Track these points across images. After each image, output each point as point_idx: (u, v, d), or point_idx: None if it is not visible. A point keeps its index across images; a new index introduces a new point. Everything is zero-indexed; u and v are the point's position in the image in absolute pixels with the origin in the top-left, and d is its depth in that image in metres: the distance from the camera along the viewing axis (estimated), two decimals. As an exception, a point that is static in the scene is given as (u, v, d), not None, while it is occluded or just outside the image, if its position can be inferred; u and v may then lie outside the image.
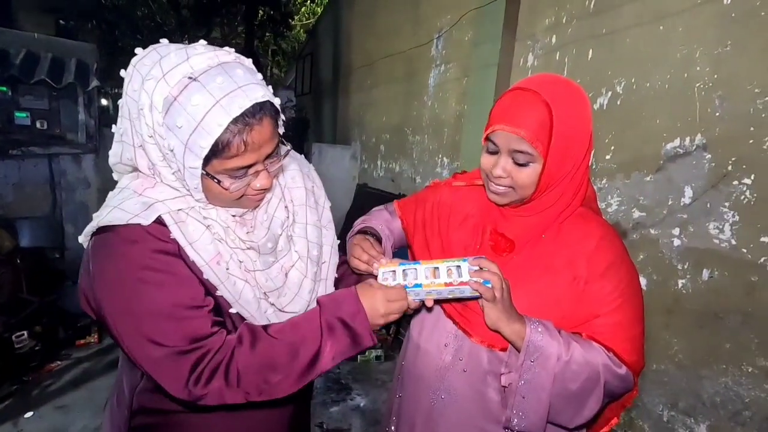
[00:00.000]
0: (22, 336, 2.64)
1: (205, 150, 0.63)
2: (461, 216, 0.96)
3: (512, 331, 0.78)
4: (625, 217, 2.03)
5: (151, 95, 0.62)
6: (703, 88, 1.70)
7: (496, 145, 0.79)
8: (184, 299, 0.67)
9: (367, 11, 5.11)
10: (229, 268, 0.73)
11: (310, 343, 0.71)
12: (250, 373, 0.67)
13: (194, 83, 0.62)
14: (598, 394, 0.78)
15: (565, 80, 0.80)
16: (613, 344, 0.79)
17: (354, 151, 5.21)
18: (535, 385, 0.77)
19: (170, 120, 0.62)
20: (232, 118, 0.62)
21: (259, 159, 0.69)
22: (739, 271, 1.61)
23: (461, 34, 3.22)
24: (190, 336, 0.66)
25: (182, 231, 0.69)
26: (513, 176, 0.79)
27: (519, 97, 0.77)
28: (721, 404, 1.67)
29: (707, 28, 1.69)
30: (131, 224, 0.66)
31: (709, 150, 1.69)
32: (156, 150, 0.67)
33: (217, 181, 0.67)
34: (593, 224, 0.85)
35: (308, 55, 8.03)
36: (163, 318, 0.65)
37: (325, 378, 2.70)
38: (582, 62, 2.24)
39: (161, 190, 0.70)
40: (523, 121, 0.74)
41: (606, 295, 0.80)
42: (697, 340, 1.75)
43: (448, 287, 0.77)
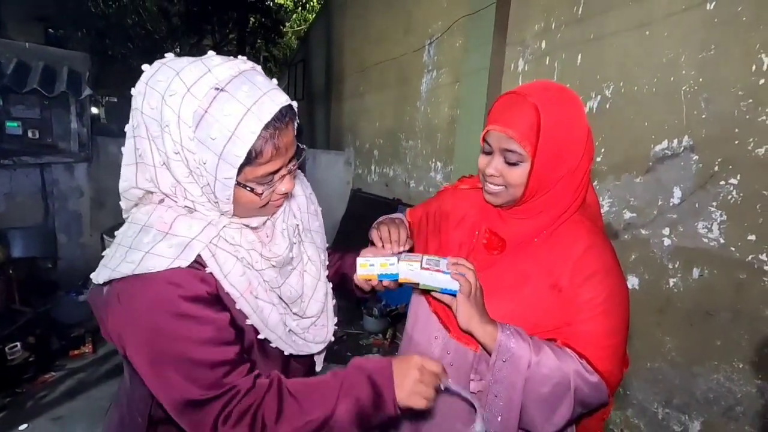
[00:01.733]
0: (15, 347, 2.61)
1: (241, 159, 0.63)
2: (459, 216, 0.99)
3: (484, 331, 0.79)
4: (616, 218, 2.06)
5: (179, 110, 0.61)
6: (689, 91, 1.75)
7: (490, 146, 0.83)
8: (217, 346, 0.67)
9: (359, 18, 5.15)
10: (258, 296, 0.74)
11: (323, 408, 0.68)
12: (273, 423, 0.66)
13: (223, 93, 0.61)
14: (569, 401, 0.77)
15: (558, 86, 0.83)
16: (587, 352, 0.79)
17: (348, 156, 5.23)
18: (507, 385, 0.78)
19: (202, 133, 0.61)
20: (264, 124, 0.63)
21: (284, 163, 0.70)
22: (728, 269, 1.64)
23: (453, 40, 3.27)
24: (219, 380, 0.65)
25: (218, 263, 0.69)
26: (504, 175, 0.82)
27: (511, 100, 0.81)
28: (714, 400, 1.70)
29: (692, 33, 1.74)
30: (167, 270, 0.64)
31: (696, 151, 1.74)
32: (182, 167, 0.65)
33: (250, 189, 0.68)
34: (584, 232, 0.85)
35: (300, 61, 8.05)
36: (192, 366, 0.64)
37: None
38: (571, 67, 2.28)
39: (188, 224, 0.69)
40: (513, 122, 0.78)
41: (584, 303, 0.80)
42: (689, 337, 1.78)
43: (426, 270, 0.82)
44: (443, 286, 0.82)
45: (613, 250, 0.88)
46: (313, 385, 0.70)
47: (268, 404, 0.66)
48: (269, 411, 0.66)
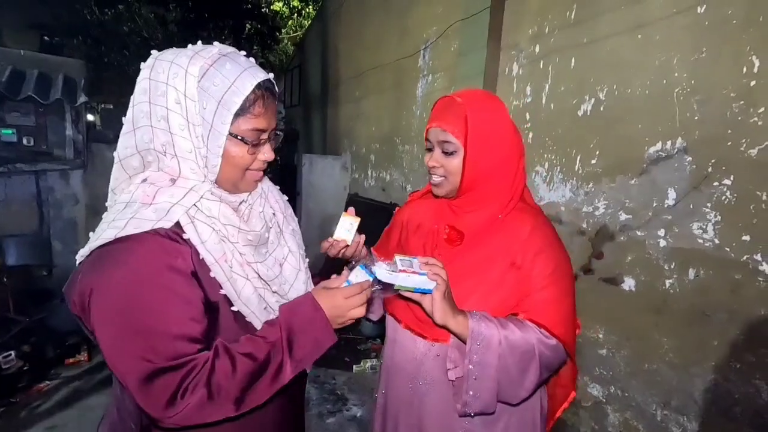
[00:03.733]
0: (9, 356, 2.59)
1: (237, 106, 0.72)
2: (416, 224, 1.12)
3: (457, 323, 0.88)
4: (612, 219, 2.07)
5: (187, 66, 0.71)
6: (682, 94, 1.76)
7: (431, 142, 0.97)
8: (182, 319, 0.69)
9: (355, 23, 5.17)
10: (232, 267, 0.77)
11: (272, 357, 0.73)
12: (226, 386, 0.69)
13: (225, 57, 0.74)
14: (536, 366, 0.89)
15: (484, 92, 1.01)
16: (543, 320, 0.91)
17: (344, 161, 5.23)
18: (484, 365, 0.87)
19: (207, 81, 0.71)
20: (258, 81, 0.74)
21: (269, 127, 0.79)
22: (724, 270, 1.65)
23: (448, 45, 3.29)
24: (180, 354, 0.68)
25: (196, 230, 0.74)
26: (444, 165, 0.96)
27: (445, 103, 0.97)
28: (712, 401, 1.69)
29: (683, 36, 1.75)
30: (142, 236, 0.68)
31: (689, 153, 1.75)
32: (180, 117, 0.71)
33: (241, 138, 0.75)
34: (527, 215, 0.99)
35: (296, 67, 8.08)
36: (158, 336, 0.67)
37: (320, 389, 2.68)
38: (565, 70, 2.30)
39: (170, 192, 0.73)
40: (446, 119, 0.94)
41: (536, 275, 0.93)
42: (686, 338, 1.78)
43: (403, 273, 0.86)
44: (419, 286, 0.87)
45: (554, 229, 1.02)
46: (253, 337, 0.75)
47: (220, 367, 0.69)
48: (222, 372, 0.69)
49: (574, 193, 2.27)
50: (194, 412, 0.67)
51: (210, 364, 0.68)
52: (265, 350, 0.73)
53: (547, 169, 2.43)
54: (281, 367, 0.74)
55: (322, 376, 2.82)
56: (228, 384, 0.69)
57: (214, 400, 0.68)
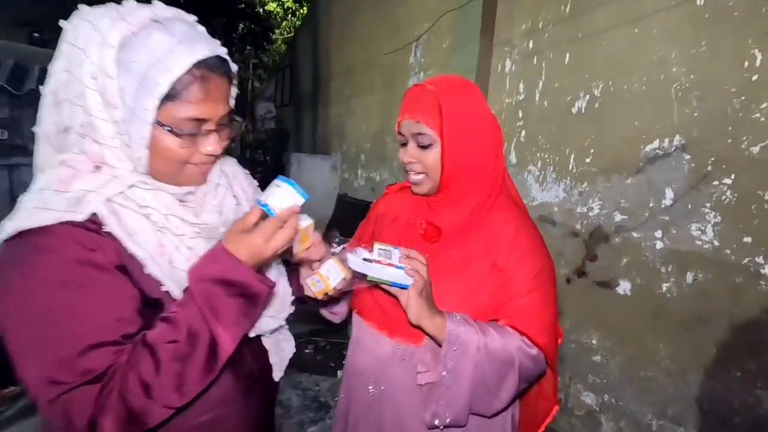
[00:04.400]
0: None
1: (163, 89, 0.59)
2: (392, 217, 1.03)
3: (434, 324, 0.81)
4: (606, 220, 2.00)
5: (107, 32, 0.58)
6: (680, 89, 1.70)
7: (404, 136, 0.89)
8: (102, 322, 0.59)
9: (346, 21, 5.10)
10: (173, 261, 0.66)
11: (198, 332, 0.62)
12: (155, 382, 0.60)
13: (157, 24, 0.60)
14: (514, 377, 0.83)
15: (458, 77, 0.92)
16: (525, 328, 0.85)
17: (334, 161, 5.14)
18: (458, 373, 0.80)
19: (126, 55, 0.59)
20: (195, 60, 0.60)
21: (214, 116, 0.65)
22: (724, 273, 1.58)
23: (439, 42, 3.21)
24: (96, 366, 0.57)
25: (119, 222, 0.62)
26: (421, 160, 0.88)
27: (415, 93, 0.88)
28: (710, 410, 1.62)
29: (682, 29, 1.69)
30: (52, 227, 0.57)
31: (688, 151, 1.68)
32: (97, 96, 0.60)
33: (169, 128, 0.62)
34: (513, 214, 0.92)
35: (288, 66, 7.99)
36: (69, 348, 0.56)
37: (302, 396, 2.57)
38: (559, 66, 2.23)
39: (89, 179, 0.62)
40: (418, 109, 0.86)
41: (519, 279, 0.87)
42: (683, 344, 1.71)
43: (378, 264, 0.78)
44: (395, 280, 0.79)
45: (538, 230, 0.95)
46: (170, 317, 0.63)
47: (142, 364, 0.59)
48: (145, 368, 0.59)
49: (567, 193, 2.20)
50: (126, 422, 0.58)
51: (125, 366, 0.59)
52: (184, 327, 0.62)
53: (539, 169, 2.36)
54: (214, 339, 0.63)
55: (304, 382, 2.70)
56: (155, 379, 0.59)
57: (145, 402, 0.59)
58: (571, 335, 2.16)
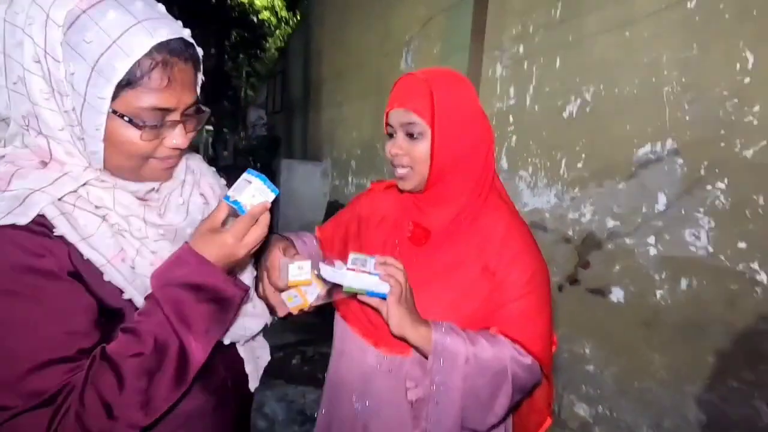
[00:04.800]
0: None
1: (120, 74, 0.53)
2: (378, 217, 0.98)
3: (418, 334, 0.76)
4: (599, 226, 1.96)
5: (49, 8, 0.52)
6: (672, 93, 1.67)
7: (392, 127, 0.85)
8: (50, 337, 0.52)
9: (337, 27, 5.09)
10: (135, 267, 0.60)
11: (165, 343, 0.57)
12: (118, 401, 0.54)
13: (111, 0, 0.54)
14: (507, 388, 0.78)
15: (450, 70, 0.89)
16: (518, 335, 0.81)
17: (325, 167, 5.10)
18: (447, 388, 0.77)
19: (75, 36, 0.52)
20: (157, 43, 0.55)
21: (179, 105, 0.60)
22: (719, 280, 1.54)
23: (430, 47, 3.20)
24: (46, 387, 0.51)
25: (72, 224, 0.55)
26: (409, 152, 0.83)
27: (405, 82, 0.85)
28: (707, 423, 1.57)
29: (673, 32, 1.67)
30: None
31: (681, 155, 1.65)
32: (41, 82, 0.53)
33: (128, 119, 0.56)
34: (504, 214, 0.89)
35: (279, 72, 7.98)
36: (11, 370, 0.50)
37: (287, 408, 2.48)
38: (550, 71, 2.21)
39: (34, 176, 0.55)
40: (409, 98, 0.82)
41: (513, 282, 0.83)
42: (678, 354, 1.66)
43: (351, 272, 0.75)
44: (371, 288, 0.75)
45: (530, 231, 0.92)
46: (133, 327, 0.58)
47: (103, 381, 0.53)
48: (107, 386, 0.53)
49: (559, 198, 2.16)
50: None
51: (83, 383, 0.53)
52: (150, 337, 0.56)
53: (530, 174, 2.32)
54: (184, 350, 0.57)
55: (290, 394, 2.62)
56: (116, 397, 0.53)
57: (105, 424, 0.53)
58: (563, 344, 2.11)
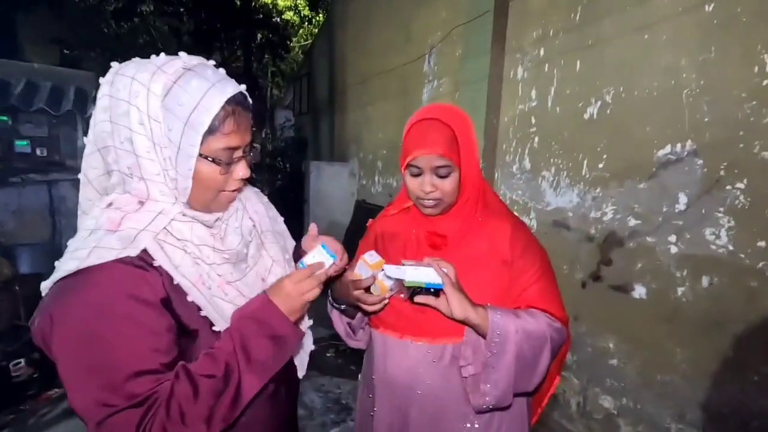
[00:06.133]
0: (19, 364, 2.62)
1: (205, 126, 0.67)
2: (390, 234, 1.11)
3: (478, 315, 0.88)
4: (620, 225, 2.01)
5: (148, 84, 0.66)
6: (691, 95, 1.71)
7: (419, 168, 0.94)
8: (144, 352, 0.65)
9: (360, 31, 5.20)
10: (211, 288, 0.74)
11: (231, 370, 0.69)
12: (190, 411, 0.66)
13: (190, 72, 0.69)
14: (547, 350, 0.91)
15: (453, 106, 1.00)
16: (546, 306, 0.95)
17: (352, 167, 5.24)
18: (502, 355, 0.88)
19: (171, 101, 0.67)
20: (227, 98, 0.69)
21: (242, 143, 0.74)
22: (739, 277, 1.58)
23: (452, 50, 3.27)
24: (139, 391, 0.64)
25: (167, 256, 0.70)
26: (440, 188, 0.94)
27: (425, 125, 0.93)
28: (728, 415, 1.62)
29: (691, 35, 1.70)
30: (106, 264, 0.64)
31: (700, 155, 1.69)
32: (145, 140, 0.67)
33: (211, 159, 0.71)
34: (503, 214, 1.03)
35: (305, 75, 8.16)
36: (116, 375, 0.63)
37: (325, 398, 2.65)
38: (570, 73, 2.25)
39: (137, 218, 0.69)
40: (437, 144, 0.91)
41: (527, 269, 0.97)
42: (700, 349, 1.71)
43: (410, 267, 0.87)
44: (429, 280, 0.87)
45: (526, 225, 1.08)
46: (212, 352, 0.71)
47: (181, 393, 0.66)
48: (184, 397, 0.65)
49: (581, 198, 2.22)
50: None
51: (169, 393, 0.65)
52: (222, 363, 0.69)
53: (553, 174, 2.38)
54: (240, 378, 0.69)
55: (326, 385, 2.79)
56: (191, 408, 0.65)
57: (179, 428, 0.65)
58: (587, 339, 2.17)
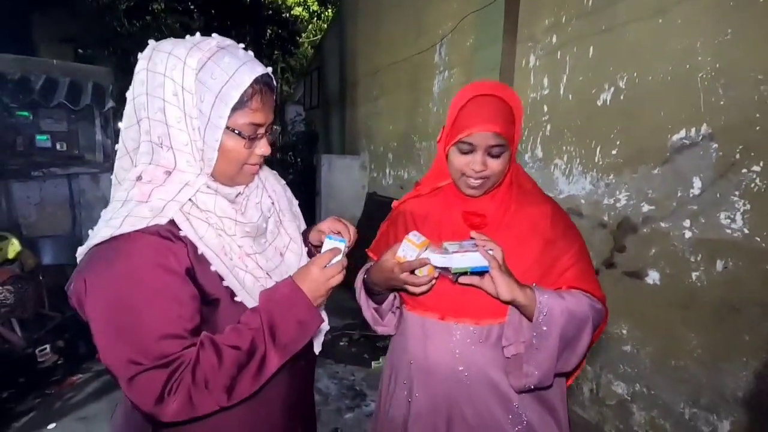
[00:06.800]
0: (45, 350, 2.72)
1: (235, 100, 0.71)
2: (422, 216, 1.07)
3: (526, 295, 0.86)
4: (634, 211, 2.01)
5: (185, 58, 0.71)
6: (706, 78, 1.69)
7: (472, 145, 0.91)
8: (170, 317, 0.70)
9: (371, 23, 5.20)
10: (232, 259, 0.78)
11: (257, 345, 0.73)
12: (214, 378, 0.69)
13: (223, 50, 0.73)
14: (588, 331, 0.91)
15: (505, 85, 1.00)
16: (586, 287, 0.95)
17: (363, 160, 5.26)
18: (547, 335, 0.88)
19: (204, 74, 0.71)
20: (256, 76, 0.73)
21: (266, 121, 0.78)
22: (754, 261, 1.57)
23: (463, 40, 3.26)
24: (166, 353, 0.68)
25: (193, 226, 0.74)
26: (490, 167, 0.92)
27: (485, 101, 0.91)
28: (743, 399, 1.62)
29: (706, 17, 1.69)
30: (133, 234, 0.68)
31: (715, 139, 1.68)
32: (176, 110, 0.71)
33: (237, 132, 0.75)
34: (540, 194, 1.03)
35: (315, 69, 8.19)
36: (144, 336, 0.67)
37: (339, 385, 2.70)
38: (583, 60, 2.24)
39: (165, 190, 0.73)
40: (498, 121, 0.89)
41: (568, 249, 0.96)
42: (715, 333, 1.71)
43: (457, 254, 0.84)
44: (476, 264, 0.84)
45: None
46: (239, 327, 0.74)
47: (206, 360, 0.69)
48: (208, 364, 0.69)
49: (594, 185, 2.21)
50: (185, 407, 0.68)
51: (195, 359, 0.69)
52: (248, 338, 0.73)
53: (566, 162, 2.38)
54: (265, 357, 0.73)
55: (341, 373, 2.84)
56: (215, 376, 0.69)
57: (202, 393, 0.69)
58: (600, 326, 2.18)
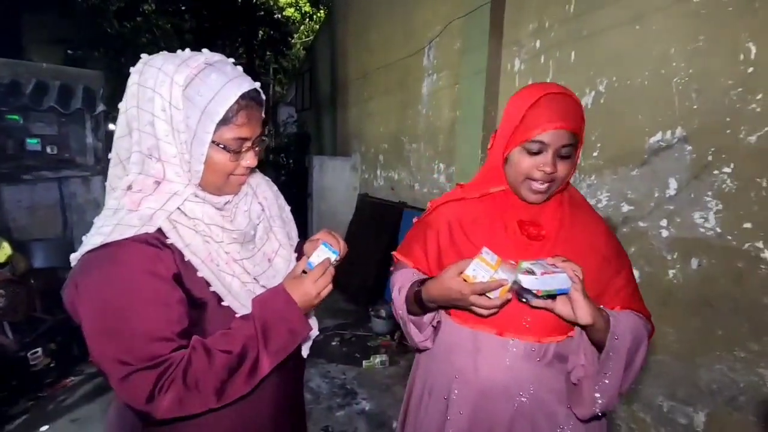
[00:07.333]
0: (37, 353, 2.73)
1: (219, 116, 0.74)
2: (470, 220, 0.98)
3: (602, 319, 0.83)
4: (614, 211, 2.07)
5: (173, 75, 0.73)
6: (681, 83, 1.76)
7: (543, 145, 0.84)
8: (159, 321, 0.73)
9: (361, 26, 5.24)
10: (219, 265, 0.81)
11: (248, 350, 0.76)
12: (204, 380, 0.72)
13: (211, 67, 0.76)
14: (643, 350, 0.89)
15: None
16: (639, 309, 0.94)
17: (354, 162, 5.30)
18: (615, 360, 0.85)
19: (191, 91, 0.74)
20: (242, 92, 0.76)
21: (252, 135, 0.80)
22: (727, 259, 1.64)
23: (451, 43, 3.32)
24: (155, 355, 0.71)
25: (179, 234, 0.77)
26: (559, 169, 0.86)
27: (560, 99, 0.85)
28: (717, 391, 1.68)
29: (680, 25, 1.75)
30: (123, 241, 0.71)
31: (689, 142, 1.74)
32: (165, 124, 0.74)
33: (222, 146, 0.77)
34: (590, 208, 1.00)
35: (307, 71, 8.20)
36: (134, 338, 0.70)
37: (330, 384, 2.74)
38: (565, 64, 2.31)
39: (154, 199, 0.76)
40: (572, 119, 0.84)
41: (621, 269, 0.94)
42: (691, 328, 1.77)
43: (546, 275, 0.79)
44: (563, 286, 0.81)
45: None
46: (231, 332, 0.78)
47: (196, 362, 0.72)
48: (199, 366, 0.72)
49: (576, 185, 2.28)
50: (174, 406, 0.71)
51: (186, 361, 0.72)
52: (240, 344, 0.76)
53: (550, 163, 2.44)
54: (258, 360, 0.76)
55: (332, 372, 2.88)
56: (205, 377, 0.72)
57: (192, 394, 0.72)
58: (584, 323, 2.24)
